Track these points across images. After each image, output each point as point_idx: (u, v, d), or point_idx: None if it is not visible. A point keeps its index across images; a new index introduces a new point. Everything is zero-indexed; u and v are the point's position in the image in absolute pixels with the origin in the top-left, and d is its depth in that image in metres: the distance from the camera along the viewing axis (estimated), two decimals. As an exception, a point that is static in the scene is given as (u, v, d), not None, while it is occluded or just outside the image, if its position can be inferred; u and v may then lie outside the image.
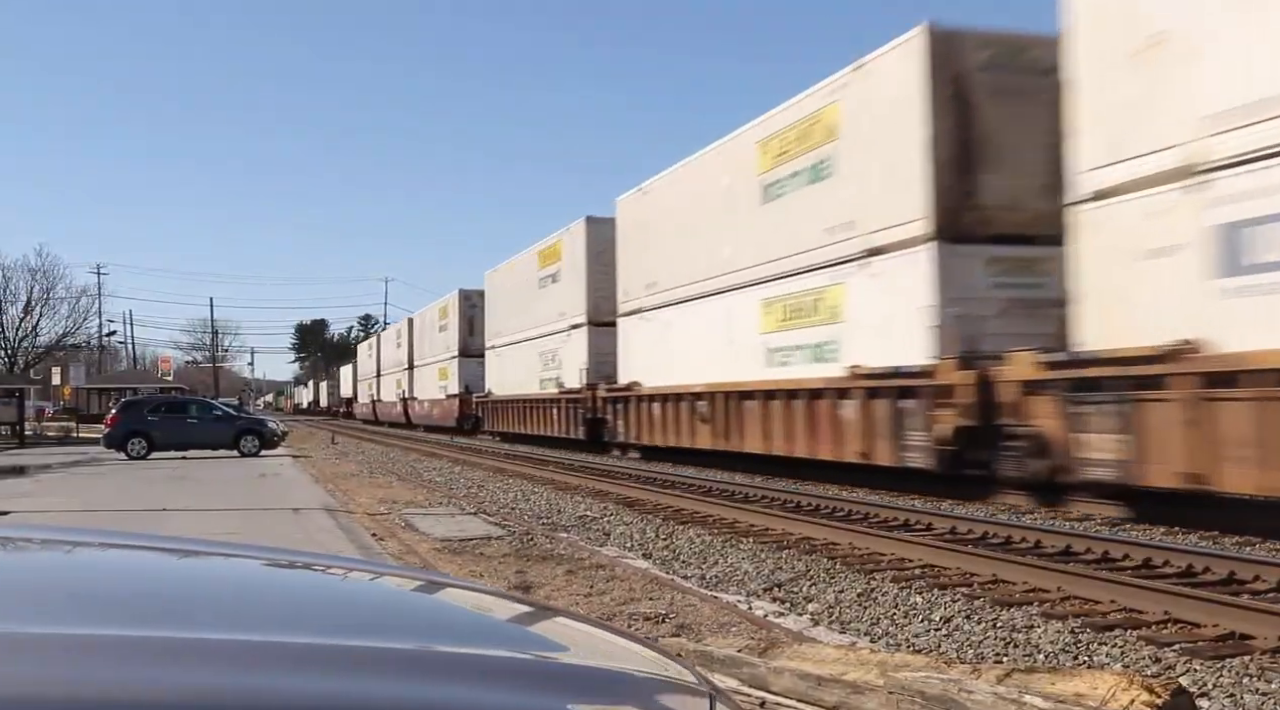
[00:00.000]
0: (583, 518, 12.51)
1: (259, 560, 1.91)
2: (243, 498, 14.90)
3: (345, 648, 1.22)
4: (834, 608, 7.17)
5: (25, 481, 19.58)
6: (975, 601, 7.06)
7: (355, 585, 1.90)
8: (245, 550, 2.04)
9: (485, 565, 8.77)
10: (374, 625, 1.46)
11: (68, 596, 1.44)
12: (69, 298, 67.30)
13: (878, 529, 10.36)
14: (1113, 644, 5.90)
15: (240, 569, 1.84)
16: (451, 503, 14.52)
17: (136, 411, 27.41)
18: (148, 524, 11.19)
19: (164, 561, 1.86)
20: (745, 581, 8.18)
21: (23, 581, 1.57)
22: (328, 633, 1.32)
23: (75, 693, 1.03)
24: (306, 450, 30.56)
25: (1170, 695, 3.00)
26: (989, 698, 3.23)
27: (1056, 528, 10.17)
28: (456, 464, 22.90)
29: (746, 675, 3.95)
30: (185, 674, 1.09)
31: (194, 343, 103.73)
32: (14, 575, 1.62)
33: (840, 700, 3.60)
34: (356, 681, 1.13)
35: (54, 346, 66.35)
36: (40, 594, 1.45)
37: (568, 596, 7.35)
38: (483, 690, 1.16)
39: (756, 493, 14.24)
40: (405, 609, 1.69)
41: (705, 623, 6.49)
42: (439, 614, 1.67)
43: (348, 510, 13.27)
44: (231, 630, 1.27)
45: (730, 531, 10.76)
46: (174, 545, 2.01)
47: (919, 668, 3.53)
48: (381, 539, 10.44)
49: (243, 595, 1.61)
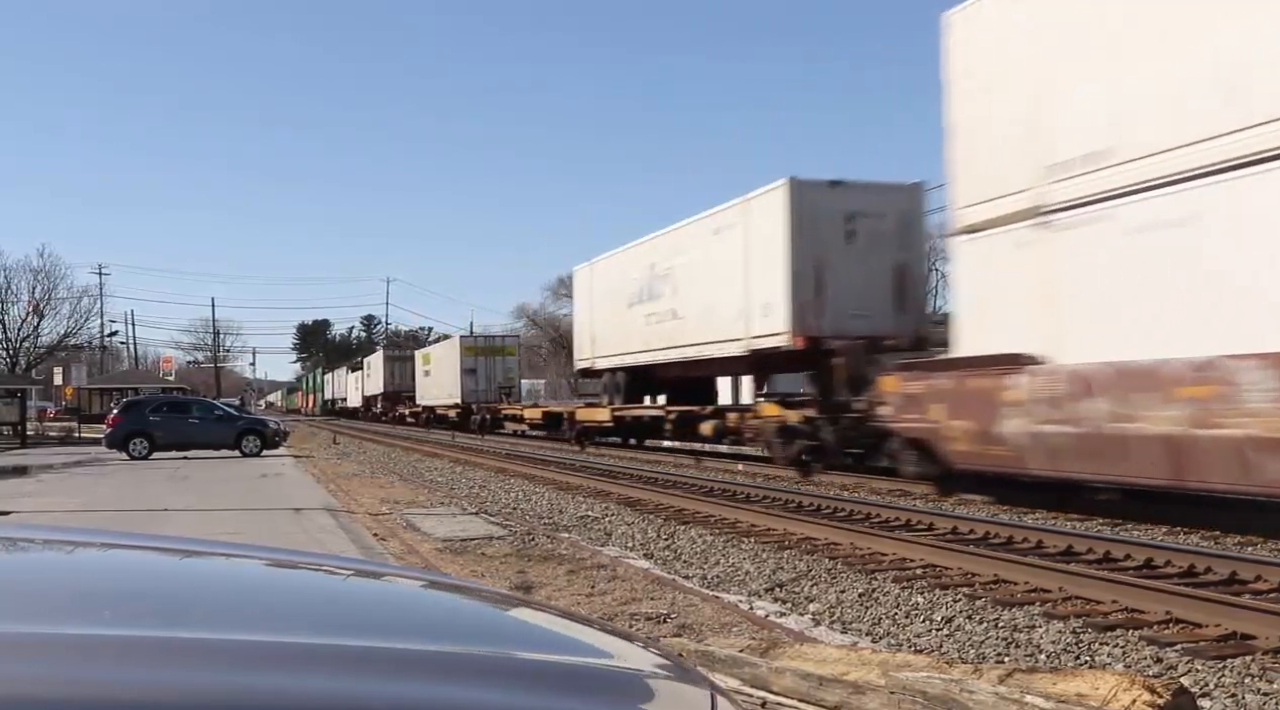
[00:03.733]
0: (584, 518, 12.51)
1: (260, 560, 1.91)
2: (244, 498, 14.91)
3: (346, 648, 1.22)
4: (835, 608, 7.16)
5: (27, 481, 19.60)
6: (977, 601, 7.05)
7: (356, 585, 1.90)
8: (246, 550, 2.04)
9: (487, 565, 8.78)
10: (375, 625, 1.46)
11: (69, 597, 1.44)
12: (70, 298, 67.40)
13: (879, 529, 10.36)
14: (1114, 644, 5.90)
15: (241, 569, 1.84)
16: (453, 503, 14.52)
17: (138, 412, 27.42)
18: (149, 524, 11.20)
19: (165, 562, 1.86)
20: (747, 581, 8.18)
21: (24, 581, 1.57)
22: (329, 633, 1.32)
23: (76, 693, 1.03)
24: (308, 451, 30.57)
25: (1172, 695, 3.00)
26: (990, 698, 3.23)
27: (1058, 528, 10.17)
28: (458, 464, 22.90)
29: (748, 675, 3.95)
30: (186, 674, 1.09)
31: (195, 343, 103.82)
32: (16, 575, 1.62)
33: (842, 700, 3.60)
34: (357, 681, 1.13)
35: (56, 347, 66.41)
36: (42, 594, 1.45)
37: (569, 597, 7.35)
38: (483, 690, 1.16)
39: (758, 493, 14.24)
40: (406, 609, 1.69)
41: (707, 623, 6.49)
42: (440, 614, 1.67)
43: (349, 510, 13.27)
44: (232, 630, 1.27)
45: (732, 531, 10.75)
46: (175, 545, 2.01)
47: (920, 668, 3.53)
48: (383, 539, 10.45)
49: (244, 595, 1.61)
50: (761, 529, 10.79)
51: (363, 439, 39.04)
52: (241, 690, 1.07)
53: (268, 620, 1.40)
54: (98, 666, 1.08)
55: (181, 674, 1.09)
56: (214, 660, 1.14)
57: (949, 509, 12.20)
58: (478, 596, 1.96)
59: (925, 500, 13.20)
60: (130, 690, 1.04)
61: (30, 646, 1.12)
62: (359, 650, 1.21)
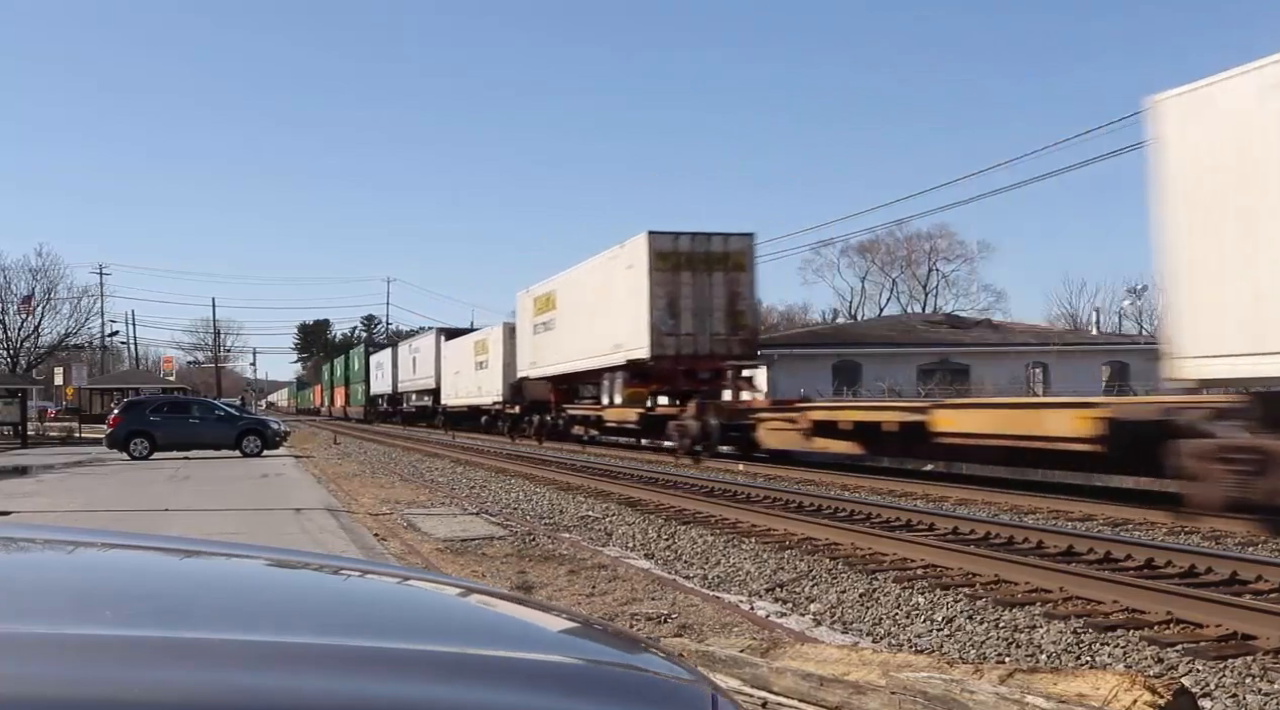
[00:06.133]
0: (585, 518, 12.51)
1: (261, 560, 1.91)
2: (245, 498, 14.92)
3: (346, 648, 1.22)
4: (836, 608, 7.16)
5: (28, 481, 19.60)
6: (978, 602, 7.05)
7: (357, 585, 1.90)
8: (247, 550, 2.04)
9: (487, 565, 8.78)
10: (375, 625, 1.46)
11: (70, 597, 1.44)
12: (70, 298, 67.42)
13: (880, 529, 10.35)
14: (1115, 644, 5.90)
15: (242, 569, 1.84)
16: (454, 503, 14.53)
17: (139, 412, 27.44)
18: (150, 524, 11.20)
19: (166, 562, 1.86)
20: (747, 582, 8.18)
21: (25, 582, 1.57)
22: (329, 633, 1.32)
23: (76, 693, 1.03)
24: (309, 451, 30.58)
25: (1173, 695, 2.99)
26: (991, 698, 3.23)
27: (1059, 528, 10.16)
28: (459, 464, 22.89)
29: (749, 675, 3.95)
30: (186, 674, 1.09)
31: (196, 343, 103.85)
32: (16, 575, 1.62)
33: (842, 700, 3.60)
34: (358, 682, 1.13)
35: (56, 347, 66.43)
36: (42, 594, 1.45)
37: (570, 597, 7.35)
38: (483, 690, 1.16)
39: (759, 493, 14.24)
40: (406, 609, 1.69)
41: (707, 623, 6.49)
42: (440, 615, 1.67)
43: (350, 510, 13.28)
44: (233, 630, 1.27)
45: (732, 532, 10.75)
46: (176, 545, 2.01)
47: (921, 668, 3.53)
48: (384, 539, 10.45)
49: (244, 595, 1.61)
50: (762, 529, 10.79)
51: (364, 440, 38.49)
52: (243, 690, 1.07)
53: (269, 620, 1.40)
54: (98, 666, 1.08)
55: (182, 674, 1.09)
56: (215, 660, 1.14)
57: (950, 509, 12.21)
58: (478, 596, 1.95)
59: (926, 501, 13.20)
60: (131, 690, 1.04)
61: (31, 646, 1.12)
62: (359, 650, 1.21)
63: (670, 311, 23.79)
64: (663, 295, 23.75)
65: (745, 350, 24.38)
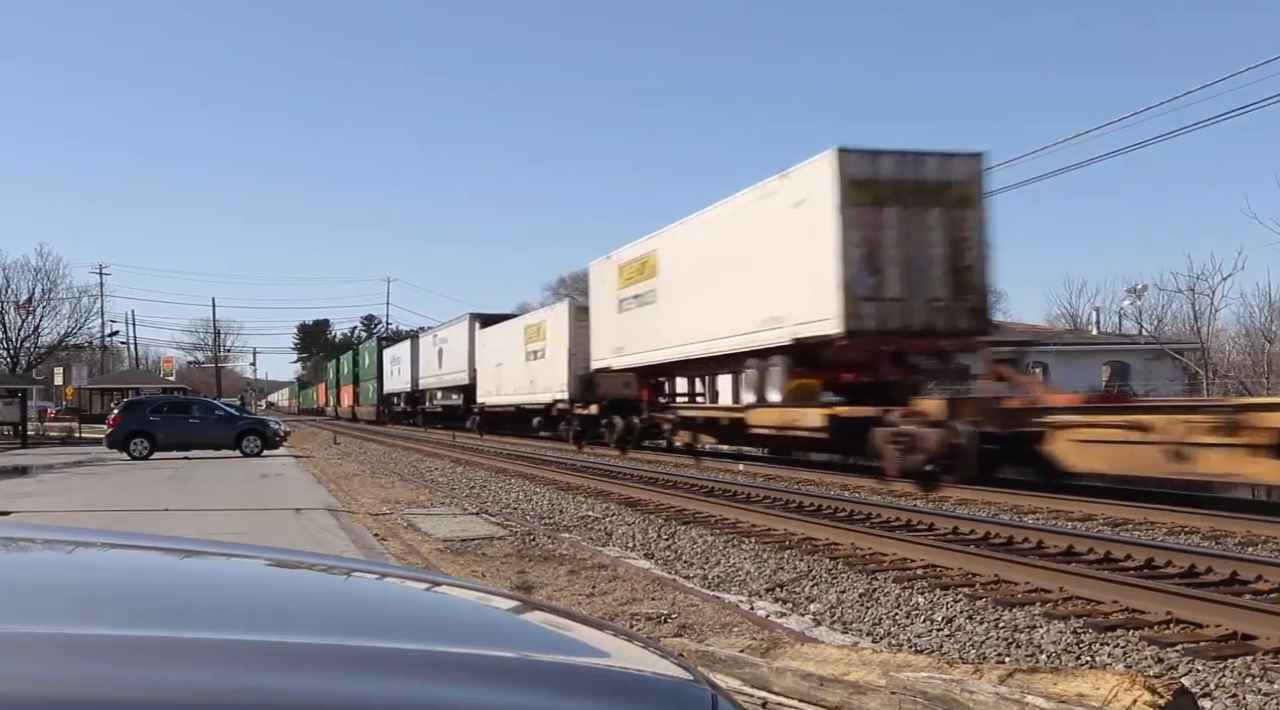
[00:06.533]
0: (585, 518, 12.51)
1: (261, 560, 1.91)
2: (245, 498, 14.92)
3: (347, 648, 1.22)
4: (836, 608, 7.16)
5: (28, 481, 19.61)
6: (977, 602, 7.05)
7: (357, 585, 1.90)
8: (247, 550, 2.04)
9: (487, 565, 8.78)
10: (375, 626, 1.46)
11: (70, 597, 1.44)
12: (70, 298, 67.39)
13: (880, 529, 10.35)
14: (1115, 644, 5.90)
15: (242, 569, 1.84)
16: (454, 503, 14.53)
17: (139, 412, 27.45)
18: (150, 524, 11.20)
19: (166, 562, 1.86)
20: (747, 582, 8.18)
21: (24, 581, 1.57)
22: (329, 633, 1.32)
23: (75, 693, 1.03)
24: (309, 451, 30.58)
25: (1173, 695, 2.99)
26: (991, 698, 3.23)
27: (1059, 528, 10.17)
28: (459, 464, 22.90)
29: (749, 675, 3.94)
30: (186, 674, 1.09)
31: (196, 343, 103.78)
32: (16, 575, 1.62)
33: (842, 700, 3.60)
34: (358, 682, 1.13)
35: (56, 347, 66.41)
36: (42, 594, 1.45)
37: (570, 597, 7.35)
38: (483, 691, 1.16)
39: (759, 493, 14.24)
40: (406, 609, 1.69)
41: (707, 623, 6.49)
42: (440, 614, 1.67)
43: (350, 510, 13.28)
44: (233, 630, 1.27)
45: (732, 532, 10.75)
46: (176, 545, 2.01)
47: (921, 668, 3.53)
48: (384, 539, 10.45)
49: (244, 595, 1.61)
50: (762, 529, 10.79)
51: (364, 439, 38.48)
52: (243, 690, 1.07)
53: (268, 620, 1.40)
54: (98, 666, 1.08)
55: (182, 674, 1.09)
56: (215, 660, 1.14)
57: (950, 509, 12.21)
58: (478, 596, 1.95)
59: (926, 501, 13.20)
60: (131, 690, 1.04)
61: (31, 646, 1.12)
62: (359, 650, 1.21)
63: (869, 266, 15.93)
64: (859, 242, 15.88)
65: (975, 323, 16.48)
